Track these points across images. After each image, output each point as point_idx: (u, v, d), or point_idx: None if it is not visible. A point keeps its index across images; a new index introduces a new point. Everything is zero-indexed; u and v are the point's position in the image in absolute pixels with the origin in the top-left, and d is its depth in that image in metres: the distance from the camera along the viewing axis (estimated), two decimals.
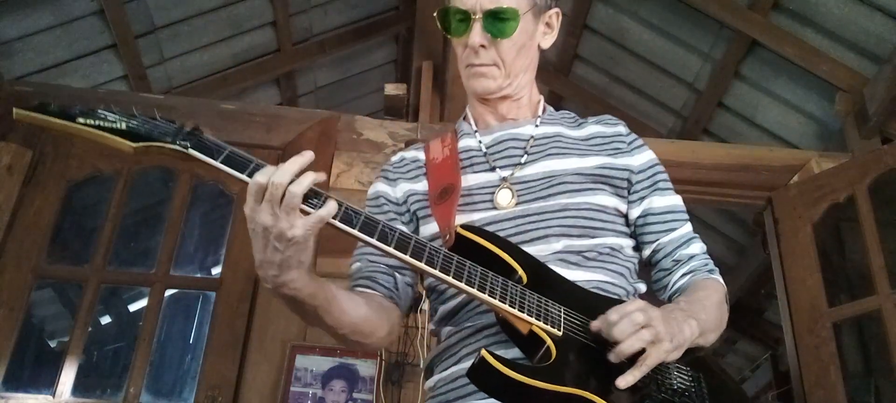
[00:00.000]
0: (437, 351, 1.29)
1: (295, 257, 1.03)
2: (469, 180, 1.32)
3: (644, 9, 3.94)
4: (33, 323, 4.33)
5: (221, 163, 1.05)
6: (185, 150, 1.05)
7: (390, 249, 1.05)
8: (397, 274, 1.33)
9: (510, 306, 1.08)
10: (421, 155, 1.42)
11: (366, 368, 2.68)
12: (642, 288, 1.32)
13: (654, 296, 1.37)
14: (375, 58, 5.09)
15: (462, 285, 1.07)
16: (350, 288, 1.31)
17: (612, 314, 1.06)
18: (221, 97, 4.13)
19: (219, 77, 4.29)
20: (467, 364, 1.13)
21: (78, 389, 2.70)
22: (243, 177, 1.05)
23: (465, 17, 1.30)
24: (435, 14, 1.35)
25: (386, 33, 4.85)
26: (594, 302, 1.15)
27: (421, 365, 2.66)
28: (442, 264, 1.07)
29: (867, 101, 3.25)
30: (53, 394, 2.66)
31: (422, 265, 1.06)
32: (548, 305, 1.11)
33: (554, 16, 1.39)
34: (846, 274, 3.23)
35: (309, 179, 1.02)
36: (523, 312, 1.08)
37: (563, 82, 4.68)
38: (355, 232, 1.05)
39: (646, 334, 1.04)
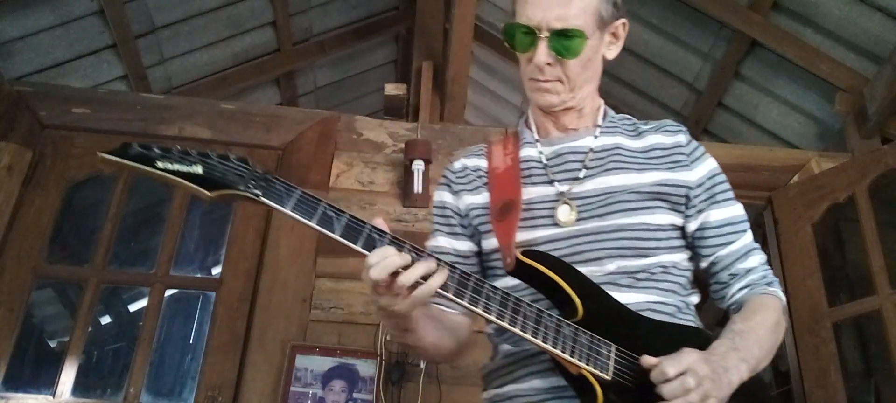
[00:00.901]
0: (495, 365, 1.35)
1: (402, 323, 1.18)
2: (529, 193, 1.34)
3: (644, 9, 3.94)
4: (33, 323, 4.33)
5: (291, 211, 1.10)
6: (256, 199, 1.10)
7: (451, 296, 1.13)
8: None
9: (561, 351, 1.14)
10: (483, 163, 1.43)
11: (366, 368, 2.68)
12: (695, 300, 1.34)
13: (711, 306, 1.39)
14: (375, 58, 5.10)
15: (517, 331, 1.13)
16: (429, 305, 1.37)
17: (668, 367, 1.08)
18: (221, 97, 4.13)
19: (219, 77, 4.30)
20: (523, 384, 1.26)
21: (78, 389, 2.70)
22: (314, 225, 1.10)
23: (531, 33, 1.29)
24: (501, 28, 1.36)
25: (386, 33, 4.86)
26: (647, 331, 1.21)
27: (421, 365, 2.66)
28: (498, 311, 1.14)
29: (867, 101, 3.25)
30: (53, 394, 2.66)
31: (479, 311, 1.13)
32: (599, 346, 1.16)
33: (621, 26, 1.38)
34: (846, 274, 3.22)
35: (417, 272, 1.09)
36: (574, 356, 1.14)
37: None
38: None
39: (694, 397, 1.06)
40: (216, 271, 3.14)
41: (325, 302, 2.80)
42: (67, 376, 2.69)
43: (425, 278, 1.09)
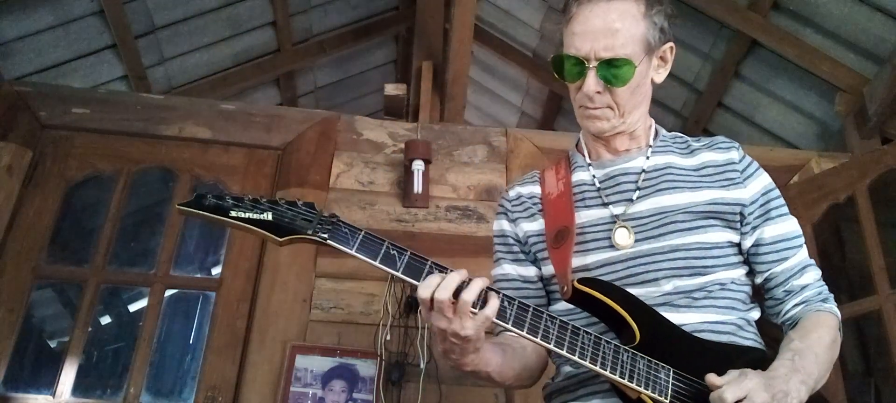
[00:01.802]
0: (557, 386, 1.37)
1: (471, 347, 1.17)
2: (582, 217, 1.36)
3: None
4: (33, 323, 4.32)
5: (356, 252, 1.16)
6: (324, 242, 1.16)
7: (510, 327, 1.17)
8: (539, 299, 1.42)
9: (620, 377, 1.17)
10: (537, 189, 1.46)
11: (366, 368, 2.68)
12: (755, 315, 1.35)
13: (769, 322, 1.39)
14: (375, 58, 5.10)
15: (576, 359, 1.17)
16: (497, 336, 1.40)
17: (728, 394, 1.09)
18: (221, 97, 4.14)
19: (219, 77, 4.30)
20: None
21: (78, 389, 2.70)
22: (377, 264, 1.16)
23: (580, 64, 1.31)
24: (549, 59, 1.38)
25: (386, 33, 4.86)
26: (708, 356, 1.22)
27: (421, 365, 2.66)
28: (556, 338, 1.17)
29: (867, 101, 3.25)
30: (53, 394, 2.66)
31: (539, 341, 1.17)
32: (657, 371, 1.18)
33: (668, 50, 1.39)
34: (846, 274, 3.22)
35: (477, 287, 1.14)
36: (632, 381, 1.17)
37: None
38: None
39: None
40: (216, 271, 3.13)
41: (325, 302, 2.80)
42: (67, 376, 2.69)
43: (484, 301, 1.14)
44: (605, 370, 1.16)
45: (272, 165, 3.09)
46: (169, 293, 2.96)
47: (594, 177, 1.41)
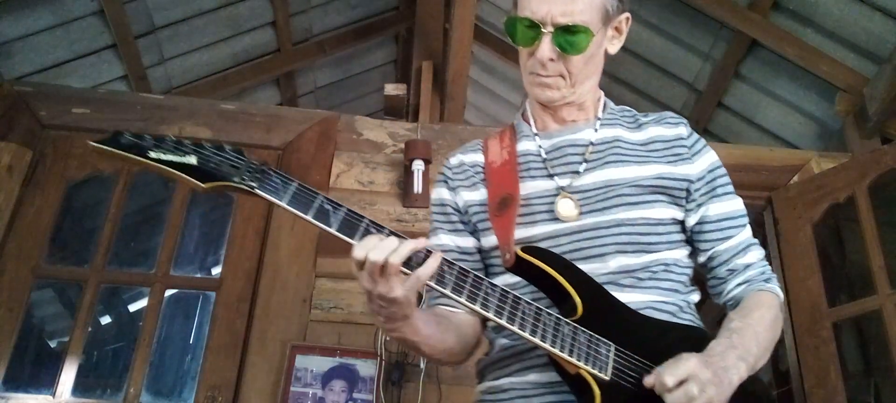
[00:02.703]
0: (491, 359, 1.33)
1: (399, 312, 1.10)
2: (527, 187, 1.32)
3: (644, 9, 3.94)
4: (33, 323, 4.33)
5: (287, 204, 1.09)
6: (251, 191, 1.08)
7: (448, 292, 1.12)
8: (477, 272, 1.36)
9: (560, 350, 1.12)
10: (480, 158, 1.41)
11: (366, 368, 2.68)
12: (695, 298, 1.32)
13: (709, 302, 1.38)
14: (375, 58, 5.10)
15: (515, 329, 1.11)
16: (432, 306, 1.35)
17: (668, 377, 1.06)
18: (221, 97, 4.14)
19: (219, 77, 4.30)
20: (519, 378, 1.24)
21: (78, 389, 2.70)
22: (309, 218, 1.09)
23: (535, 28, 1.26)
24: (503, 22, 1.33)
25: (386, 33, 4.86)
26: (649, 331, 1.20)
27: (421, 365, 2.66)
28: (496, 308, 1.12)
29: (867, 101, 3.25)
30: (53, 394, 2.66)
31: (477, 308, 1.11)
32: (598, 346, 1.15)
33: (624, 21, 1.35)
34: (846, 274, 3.22)
35: (407, 249, 1.06)
36: (572, 355, 1.12)
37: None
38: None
39: None
40: (216, 271, 3.14)
41: (325, 302, 2.80)
42: (67, 376, 2.69)
43: (419, 263, 1.07)
44: (545, 342, 1.11)
45: (272, 165, 3.08)
46: (169, 293, 2.96)
47: (540, 147, 1.36)
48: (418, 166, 2.98)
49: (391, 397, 2.64)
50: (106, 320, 4.82)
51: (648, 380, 1.10)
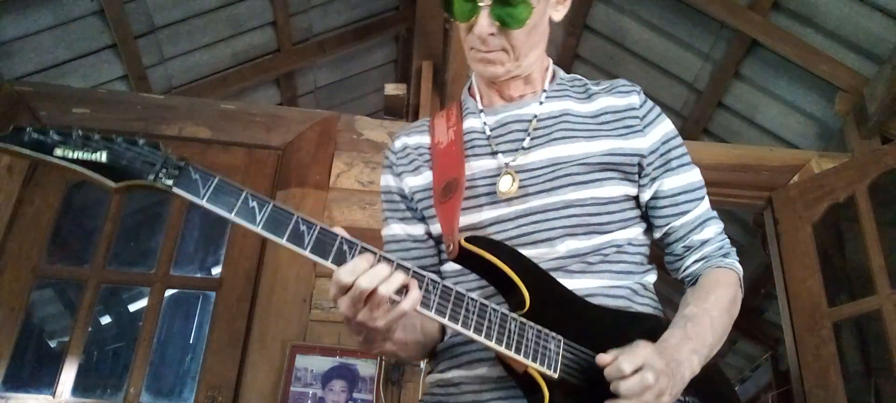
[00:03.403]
0: (444, 344, 1.28)
1: (379, 336, 1.06)
2: (472, 167, 1.25)
3: (644, 9, 3.94)
4: (33, 323, 4.33)
5: (206, 202, 0.99)
6: (168, 190, 0.99)
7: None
8: (429, 259, 1.31)
9: (506, 349, 1.06)
10: (425, 139, 1.34)
11: (366, 368, 2.68)
12: (651, 278, 1.27)
13: (666, 278, 1.35)
14: (375, 58, 5.09)
15: (459, 328, 1.06)
16: None
17: (625, 363, 1.02)
18: (221, 97, 4.13)
19: (219, 77, 4.29)
20: (469, 372, 1.18)
21: (78, 389, 2.70)
22: (232, 217, 1.00)
23: (471, 1, 1.18)
24: None
25: (386, 33, 4.85)
26: (600, 322, 1.15)
27: (421, 365, 2.66)
28: (438, 306, 1.05)
29: (867, 101, 3.25)
30: (53, 394, 2.66)
31: (419, 308, 1.04)
32: (547, 341, 1.09)
33: None
34: (846, 274, 3.23)
35: (398, 281, 1.01)
36: (519, 353, 1.07)
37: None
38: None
39: (649, 396, 1.02)
40: (216, 271, 3.14)
41: (325, 302, 2.80)
42: (67, 376, 2.69)
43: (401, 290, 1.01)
44: (490, 340, 1.05)
45: (272, 165, 3.09)
46: (169, 293, 2.96)
47: (485, 123, 1.29)
48: None
49: (391, 397, 2.64)
50: (106, 320, 4.83)
51: (604, 359, 1.05)
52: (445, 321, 1.05)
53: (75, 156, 0.98)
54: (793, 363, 2.92)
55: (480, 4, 1.18)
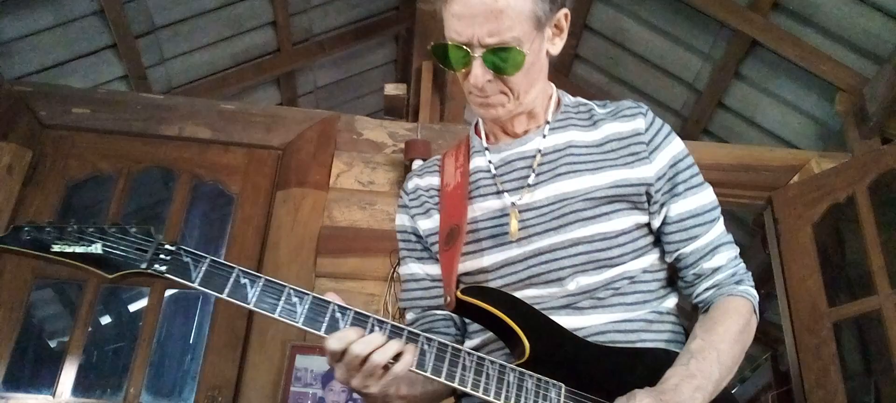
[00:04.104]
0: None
1: (379, 399, 1.08)
2: (476, 210, 1.25)
3: (644, 9, 3.94)
4: (33, 323, 4.33)
5: (198, 285, 1.04)
6: (161, 276, 1.04)
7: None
8: (455, 318, 1.31)
9: (505, 402, 1.07)
10: (436, 181, 1.34)
11: None
12: (671, 303, 1.25)
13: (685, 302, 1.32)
14: (375, 58, 5.09)
15: (456, 385, 1.07)
16: None
17: None
18: (221, 97, 4.13)
19: (219, 77, 4.30)
20: None
21: (78, 389, 2.70)
22: (225, 297, 1.06)
23: (463, 50, 1.16)
24: (429, 48, 1.21)
25: (386, 33, 4.85)
26: (603, 364, 1.14)
27: None
28: (433, 366, 1.06)
29: (867, 101, 3.25)
30: (53, 394, 2.66)
31: (414, 368, 1.05)
32: (547, 390, 1.09)
33: (562, 18, 1.24)
34: (846, 274, 3.22)
35: (393, 349, 1.03)
36: None
37: (562, 82, 4.66)
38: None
39: None
40: None
41: None
42: (67, 376, 2.69)
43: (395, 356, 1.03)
44: (488, 395, 1.06)
45: (272, 165, 3.09)
46: (169, 293, 2.96)
47: (490, 162, 1.28)
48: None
49: None
50: (106, 320, 4.82)
51: None
52: (442, 379, 1.06)
53: (72, 251, 1.03)
54: (793, 363, 2.92)
55: (473, 56, 1.15)
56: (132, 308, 4.98)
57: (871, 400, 3.10)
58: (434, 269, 1.31)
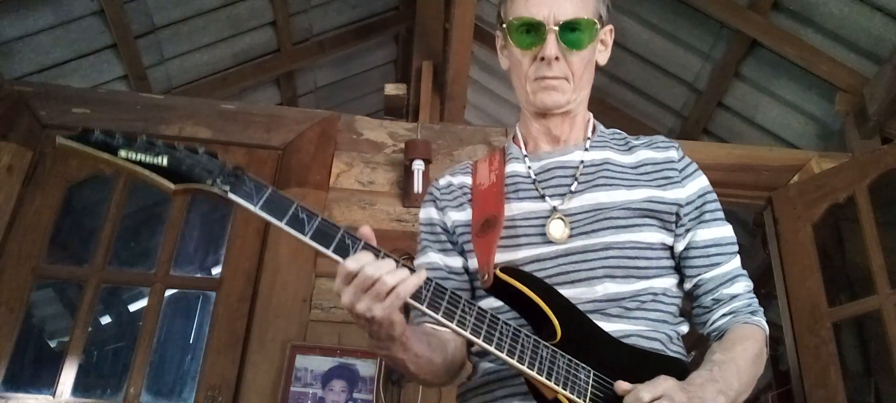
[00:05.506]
0: (473, 384, 1.31)
1: (381, 332, 1.08)
2: (514, 209, 1.30)
3: (644, 9, 3.94)
4: (33, 323, 4.33)
5: (260, 209, 1.06)
6: (224, 195, 1.05)
7: (424, 308, 1.08)
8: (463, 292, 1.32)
9: (538, 373, 1.10)
10: (468, 179, 1.40)
11: (366, 368, 2.68)
12: (684, 329, 1.30)
13: (695, 331, 1.35)
14: (375, 58, 5.10)
15: (492, 349, 1.09)
16: (419, 322, 1.30)
17: (644, 392, 1.05)
18: (221, 97, 4.14)
19: (219, 77, 4.30)
20: None
21: (78, 389, 2.70)
22: (283, 225, 1.06)
23: (538, 28, 1.28)
24: (502, 26, 1.33)
25: (386, 33, 4.86)
26: (628, 359, 1.17)
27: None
28: (473, 326, 1.08)
29: (867, 101, 3.25)
30: (53, 394, 2.66)
31: (453, 326, 1.08)
32: (577, 370, 1.12)
33: (608, 32, 1.38)
34: (846, 274, 3.22)
35: (413, 282, 1.04)
36: (550, 379, 1.10)
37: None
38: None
39: None
40: (216, 271, 3.13)
41: (325, 302, 2.80)
42: (67, 376, 2.69)
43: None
44: (523, 364, 1.09)
45: (272, 165, 3.09)
46: (169, 293, 2.96)
47: (530, 168, 1.35)
48: (418, 166, 2.98)
49: (391, 397, 2.64)
50: (106, 320, 4.82)
51: (623, 386, 1.08)
52: (480, 341, 1.09)
53: (138, 159, 1.04)
54: (793, 363, 2.92)
55: (548, 29, 1.27)
56: (132, 308, 4.98)
57: (871, 400, 3.09)
58: (455, 262, 1.35)
